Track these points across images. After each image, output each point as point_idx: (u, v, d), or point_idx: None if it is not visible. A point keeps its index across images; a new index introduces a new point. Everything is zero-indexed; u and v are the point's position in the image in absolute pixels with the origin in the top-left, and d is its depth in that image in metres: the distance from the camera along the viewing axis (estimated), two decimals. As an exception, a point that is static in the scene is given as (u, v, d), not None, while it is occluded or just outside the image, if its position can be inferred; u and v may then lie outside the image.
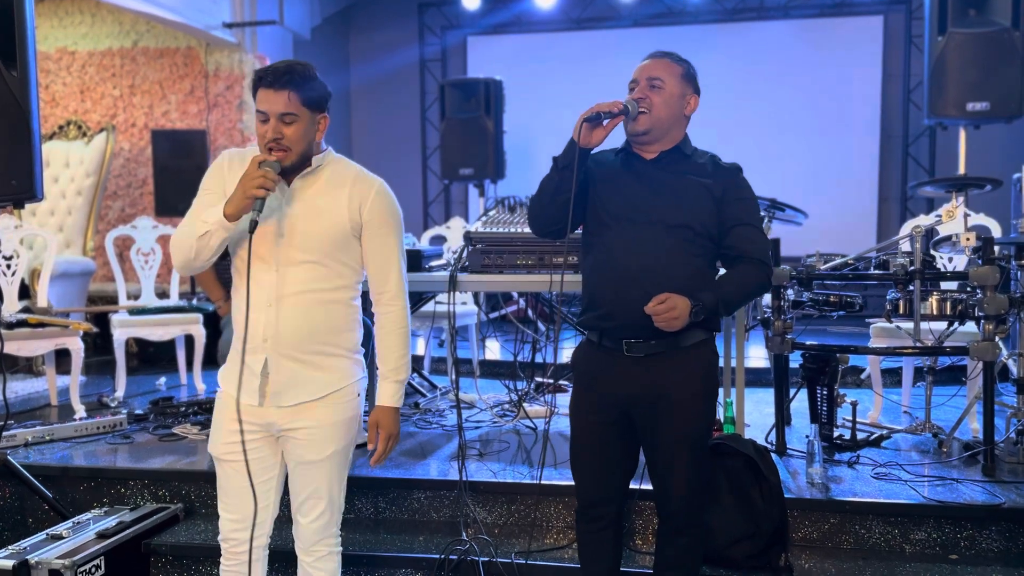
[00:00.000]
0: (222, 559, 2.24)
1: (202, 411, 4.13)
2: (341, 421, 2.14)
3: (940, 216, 3.58)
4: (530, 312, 5.63)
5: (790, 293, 3.50)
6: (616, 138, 2.29)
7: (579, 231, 2.39)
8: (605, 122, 2.18)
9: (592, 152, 2.25)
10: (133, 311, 4.71)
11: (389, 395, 2.18)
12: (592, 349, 2.32)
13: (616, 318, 2.22)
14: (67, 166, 5.99)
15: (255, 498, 2.07)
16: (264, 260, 2.08)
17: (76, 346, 4.24)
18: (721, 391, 3.70)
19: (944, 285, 3.65)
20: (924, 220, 4.01)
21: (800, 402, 3.73)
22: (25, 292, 4.86)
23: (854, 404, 3.48)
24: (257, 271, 2.08)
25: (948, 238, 3.48)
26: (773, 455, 2.97)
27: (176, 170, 5.94)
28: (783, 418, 3.51)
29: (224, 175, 2.09)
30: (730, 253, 2.26)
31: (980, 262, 3.16)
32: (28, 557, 2.68)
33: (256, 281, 2.08)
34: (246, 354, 2.08)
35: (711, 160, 2.30)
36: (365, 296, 2.25)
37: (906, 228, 3.92)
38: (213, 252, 2.05)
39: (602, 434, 2.30)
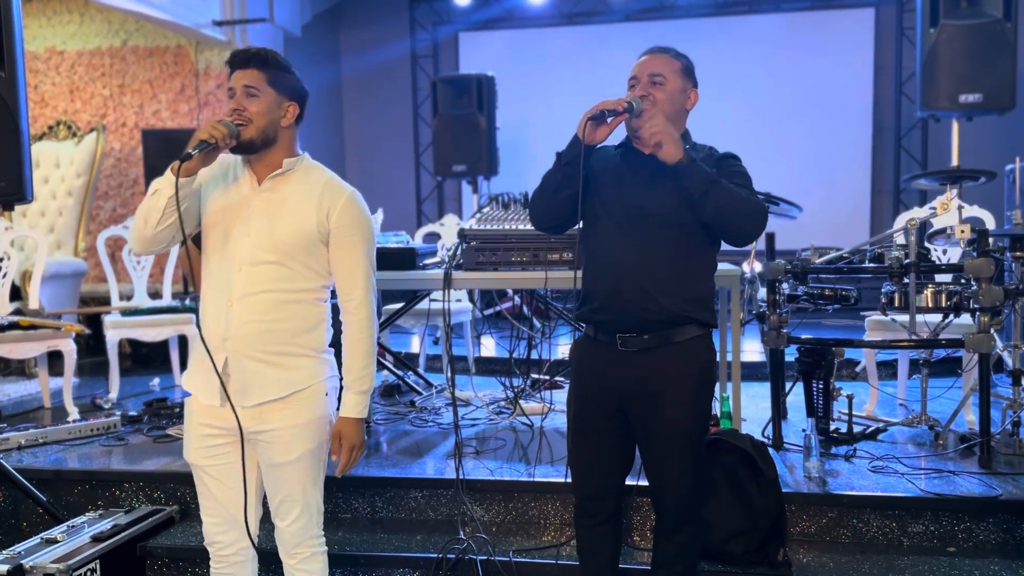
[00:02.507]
0: (211, 562, 2.24)
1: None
2: (309, 421, 2.11)
3: (935, 208, 3.58)
4: (525, 309, 5.62)
5: (785, 287, 3.50)
6: (617, 133, 2.28)
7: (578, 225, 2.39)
8: (609, 120, 2.16)
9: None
10: (126, 312, 4.69)
11: (351, 405, 2.13)
12: (588, 343, 2.32)
13: (610, 312, 2.22)
14: (57, 167, 5.95)
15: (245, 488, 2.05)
16: (228, 258, 2.07)
17: (68, 348, 4.21)
18: (717, 386, 3.70)
19: (939, 277, 3.65)
20: (919, 213, 4.02)
21: (796, 396, 3.72)
22: (16, 294, 4.83)
23: (850, 397, 3.48)
24: (220, 269, 2.08)
25: (943, 230, 3.48)
26: (770, 449, 2.96)
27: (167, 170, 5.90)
28: (779, 412, 3.51)
29: (204, 172, 2.08)
30: None
31: (975, 254, 3.16)
32: (23, 561, 2.66)
33: (218, 279, 2.08)
34: (210, 353, 2.07)
35: (709, 153, 2.29)
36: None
37: (900, 221, 3.92)
38: (161, 213, 2.00)
39: (598, 428, 2.30)
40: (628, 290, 2.18)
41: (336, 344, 2.22)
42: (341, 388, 2.19)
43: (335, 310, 2.22)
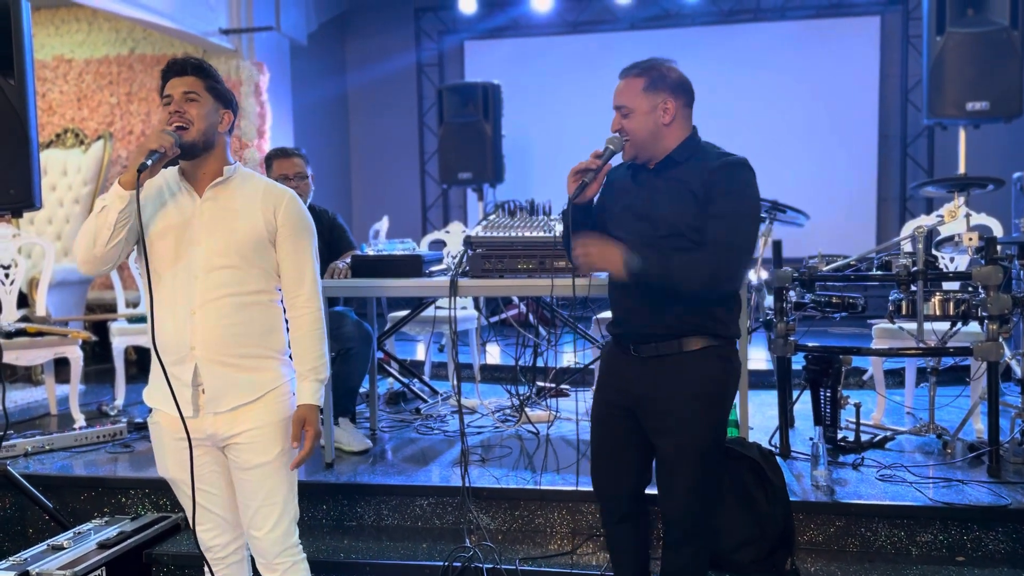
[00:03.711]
0: (206, 568, 2.25)
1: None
2: (281, 420, 2.14)
3: (942, 216, 3.58)
4: (531, 316, 5.61)
5: (792, 295, 3.49)
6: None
7: None
8: (596, 174, 2.24)
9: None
10: (132, 319, 4.70)
11: (312, 393, 2.16)
12: (612, 348, 2.41)
13: (622, 324, 2.32)
14: (65, 174, 5.97)
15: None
16: (181, 269, 2.08)
17: (75, 355, 4.22)
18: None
19: (946, 285, 3.64)
20: (926, 220, 4.01)
21: (803, 404, 3.71)
22: (24, 301, 4.84)
23: (857, 406, 3.46)
24: (174, 281, 2.08)
25: (950, 238, 3.47)
26: (777, 458, 2.95)
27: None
28: (787, 420, 3.49)
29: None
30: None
31: (983, 262, 3.15)
32: (29, 568, 2.66)
33: (173, 291, 2.08)
34: (172, 365, 2.07)
35: (711, 158, 2.21)
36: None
37: (908, 228, 3.91)
38: (112, 230, 2.01)
39: (615, 430, 2.35)
40: (634, 302, 2.26)
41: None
42: None
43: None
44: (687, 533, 2.30)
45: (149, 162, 1.97)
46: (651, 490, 2.40)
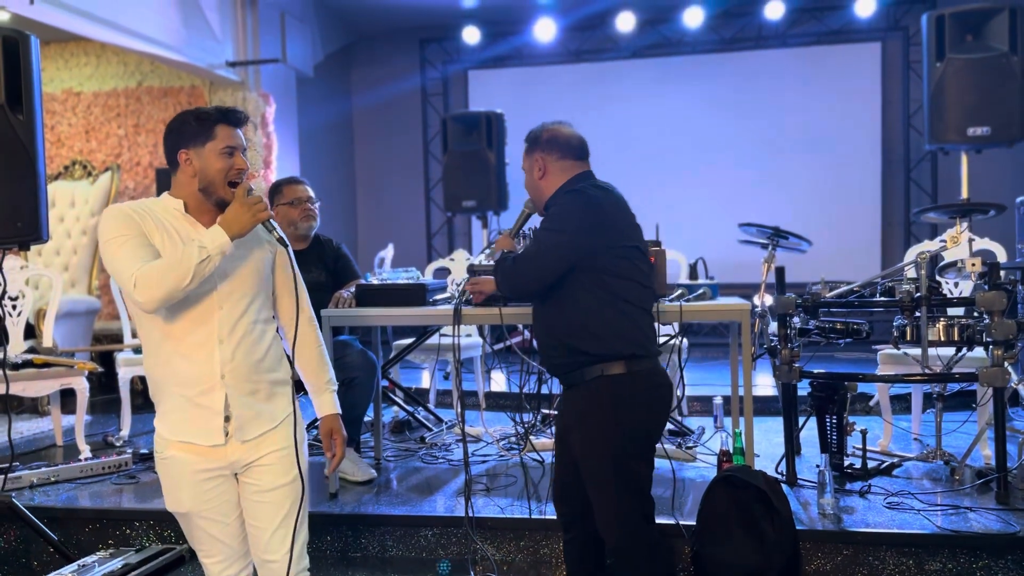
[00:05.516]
0: None
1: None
2: (300, 441, 2.20)
3: (945, 242, 3.58)
4: (535, 343, 5.60)
5: (796, 321, 3.49)
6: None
7: None
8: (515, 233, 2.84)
9: None
10: (138, 349, 4.71)
11: (334, 404, 2.29)
12: None
13: (540, 357, 2.61)
14: (72, 206, 6.03)
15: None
16: (202, 301, 2.08)
17: (81, 386, 4.23)
18: (729, 420, 3.67)
19: (951, 311, 3.63)
20: (929, 246, 4.01)
21: (809, 431, 3.69)
22: (31, 332, 4.87)
23: (864, 432, 3.45)
24: (195, 312, 2.08)
25: (954, 263, 3.46)
26: (783, 486, 2.94)
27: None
28: (793, 448, 3.48)
29: (137, 224, 2.06)
30: None
31: (987, 287, 3.14)
32: (32, 602, 2.66)
33: (194, 322, 2.08)
34: (200, 396, 2.07)
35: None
36: None
37: (911, 254, 3.91)
38: (204, 277, 2.02)
39: (560, 448, 2.53)
40: (538, 342, 2.53)
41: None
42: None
43: None
44: (629, 560, 2.33)
45: (278, 233, 2.12)
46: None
